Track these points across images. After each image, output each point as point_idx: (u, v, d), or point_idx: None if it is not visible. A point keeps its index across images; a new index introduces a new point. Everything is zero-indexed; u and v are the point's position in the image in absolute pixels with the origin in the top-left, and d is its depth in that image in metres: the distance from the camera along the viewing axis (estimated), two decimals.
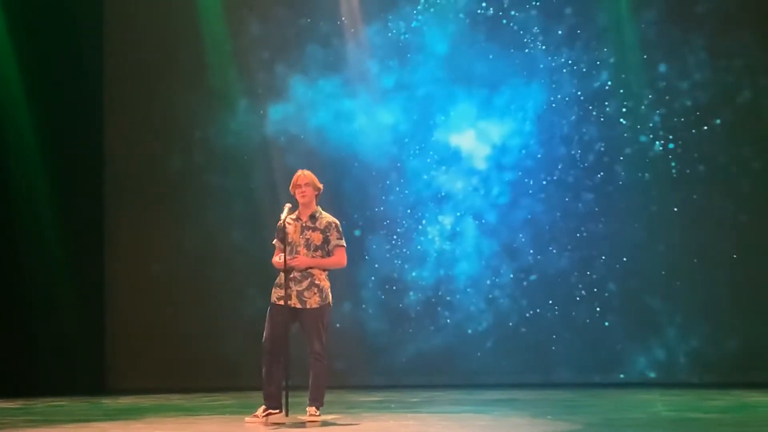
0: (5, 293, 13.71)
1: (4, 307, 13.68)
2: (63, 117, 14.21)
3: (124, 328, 14.76)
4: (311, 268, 9.58)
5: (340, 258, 9.66)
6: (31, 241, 14.01)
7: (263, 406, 9.61)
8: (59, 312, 14.08)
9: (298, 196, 9.66)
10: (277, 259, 9.62)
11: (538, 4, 14.36)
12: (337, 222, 9.72)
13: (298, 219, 9.67)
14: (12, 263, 13.82)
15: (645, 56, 14.17)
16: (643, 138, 14.16)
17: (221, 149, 14.73)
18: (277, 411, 9.59)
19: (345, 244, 9.67)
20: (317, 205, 9.73)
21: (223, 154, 14.73)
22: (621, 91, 14.20)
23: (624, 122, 14.19)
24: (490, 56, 14.37)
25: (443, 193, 14.47)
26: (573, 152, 14.28)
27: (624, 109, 14.19)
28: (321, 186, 9.71)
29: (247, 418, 9.67)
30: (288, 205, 9.65)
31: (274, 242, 9.77)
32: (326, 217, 9.71)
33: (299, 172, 9.74)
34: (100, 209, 14.86)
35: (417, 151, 14.52)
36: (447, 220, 14.46)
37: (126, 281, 14.84)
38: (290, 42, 14.68)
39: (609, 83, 14.23)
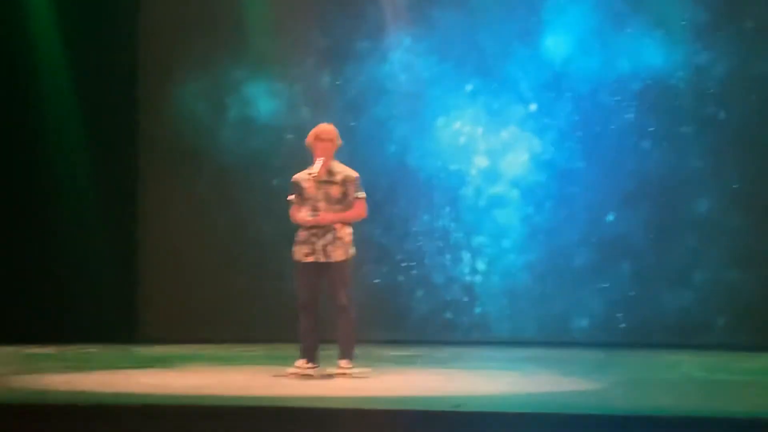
0: (38, 241, 13.78)
1: (38, 254, 13.75)
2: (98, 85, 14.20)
3: (158, 277, 14.76)
4: (334, 222, 9.55)
5: (360, 210, 9.63)
6: (63, 188, 13.99)
7: (304, 359, 9.54)
8: (92, 259, 14.09)
9: (318, 149, 9.58)
10: (303, 214, 9.57)
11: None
12: (356, 174, 9.64)
13: (312, 173, 9.57)
14: (45, 211, 13.86)
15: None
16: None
17: (261, 125, 14.62)
18: (316, 365, 9.56)
19: (364, 196, 9.62)
20: (334, 158, 9.63)
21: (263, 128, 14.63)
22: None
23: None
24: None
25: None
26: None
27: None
28: (341, 141, 9.63)
29: (289, 370, 9.52)
30: (322, 159, 9.54)
31: (290, 197, 9.70)
32: (343, 170, 9.63)
33: (322, 125, 9.65)
34: (134, 159, 14.79)
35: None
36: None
37: (161, 229, 14.82)
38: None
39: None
